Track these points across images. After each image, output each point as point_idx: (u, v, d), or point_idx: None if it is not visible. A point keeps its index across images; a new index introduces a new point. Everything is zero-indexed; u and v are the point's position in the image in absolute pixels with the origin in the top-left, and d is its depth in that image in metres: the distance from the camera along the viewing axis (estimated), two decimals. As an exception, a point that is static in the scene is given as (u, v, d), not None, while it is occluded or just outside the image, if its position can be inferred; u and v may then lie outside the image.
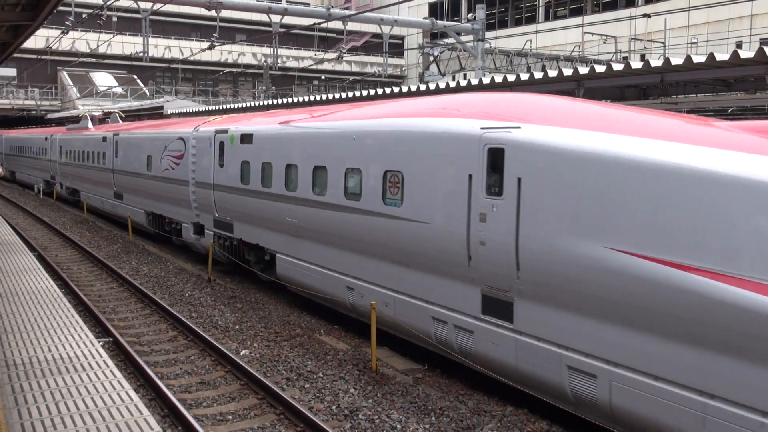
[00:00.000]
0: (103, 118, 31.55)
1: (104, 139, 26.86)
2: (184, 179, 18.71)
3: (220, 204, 16.75)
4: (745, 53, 9.54)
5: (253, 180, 14.82)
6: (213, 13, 26.52)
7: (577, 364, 7.67)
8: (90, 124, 30.83)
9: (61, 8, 16.28)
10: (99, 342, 10.14)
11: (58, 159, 34.86)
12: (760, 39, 37.11)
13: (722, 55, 9.74)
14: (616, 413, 7.36)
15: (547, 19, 56.73)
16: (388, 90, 19.00)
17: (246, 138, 15.40)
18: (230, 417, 8.99)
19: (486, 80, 15.75)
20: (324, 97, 23.79)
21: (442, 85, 16.65)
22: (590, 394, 7.59)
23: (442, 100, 10.37)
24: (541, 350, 8.10)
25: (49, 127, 47.68)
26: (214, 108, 32.08)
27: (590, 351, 7.53)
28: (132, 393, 7.52)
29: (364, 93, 20.65)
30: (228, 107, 28.73)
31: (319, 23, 27.10)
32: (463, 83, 16.03)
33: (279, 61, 33.87)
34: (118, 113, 31.14)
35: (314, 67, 57.27)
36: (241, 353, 11.51)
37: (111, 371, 8.24)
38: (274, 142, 14.19)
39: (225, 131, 16.48)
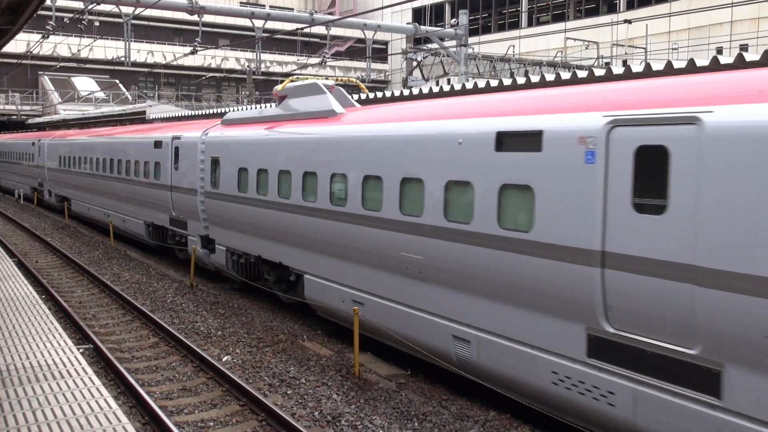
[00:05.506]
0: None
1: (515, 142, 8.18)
2: None
3: None
4: (725, 59, 9.62)
5: None
6: (196, 18, 26.45)
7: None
8: (337, 106, 12.72)
9: (41, 12, 16.08)
10: (79, 349, 10.04)
11: (204, 186, 16.97)
12: (740, 45, 37.50)
13: (702, 61, 9.80)
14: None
15: (530, 24, 57.05)
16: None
17: None
18: (212, 424, 8.92)
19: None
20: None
21: (425, 90, 16.62)
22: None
23: None
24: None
25: (144, 123, 29.28)
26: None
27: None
28: (111, 401, 7.44)
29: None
30: None
31: (303, 28, 27.08)
32: (446, 88, 16.07)
33: (262, 65, 33.78)
34: (357, 82, 15.77)
35: (298, 71, 57.18)
36: (224, 359, 11.44)
37: (90, 378, 8.15)
38: None
39: None
